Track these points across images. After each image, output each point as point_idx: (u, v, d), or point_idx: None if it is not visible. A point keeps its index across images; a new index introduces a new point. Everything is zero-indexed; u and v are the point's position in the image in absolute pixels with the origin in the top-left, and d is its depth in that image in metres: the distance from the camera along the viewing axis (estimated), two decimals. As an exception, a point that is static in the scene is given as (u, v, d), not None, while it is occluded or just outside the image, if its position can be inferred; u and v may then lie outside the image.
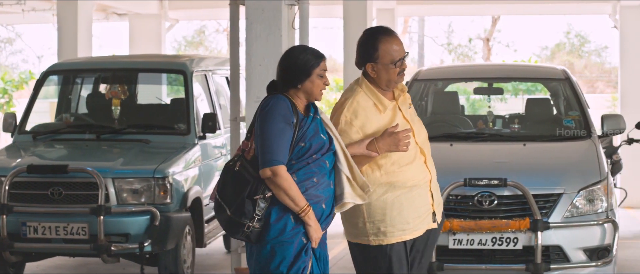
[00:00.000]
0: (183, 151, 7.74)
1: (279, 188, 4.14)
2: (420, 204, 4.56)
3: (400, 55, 4.50)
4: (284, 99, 4.24)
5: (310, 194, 4.22)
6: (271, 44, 7.01)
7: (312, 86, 4.27)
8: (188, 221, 7.51)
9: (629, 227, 11.12)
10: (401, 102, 4.61)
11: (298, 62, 4.26)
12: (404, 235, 4.55)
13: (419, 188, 4.55)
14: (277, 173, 4.12)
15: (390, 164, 4.51)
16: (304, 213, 4.18)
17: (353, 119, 4.51)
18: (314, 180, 4.23)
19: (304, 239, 4.22)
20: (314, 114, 4.32)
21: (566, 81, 7.81)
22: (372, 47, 4.50)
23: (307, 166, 4.22)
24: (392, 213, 4.52)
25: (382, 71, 4.50)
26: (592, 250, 6.50)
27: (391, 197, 4.52)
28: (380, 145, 4.43)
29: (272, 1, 6.99)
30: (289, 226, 4.20)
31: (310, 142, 4.23)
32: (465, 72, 8.43)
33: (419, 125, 4.65)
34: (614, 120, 7.49)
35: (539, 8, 15.58)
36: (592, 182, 6.55)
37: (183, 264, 7.53)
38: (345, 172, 4.33)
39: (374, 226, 4.54)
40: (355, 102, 4.54)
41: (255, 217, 4.16)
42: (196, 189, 7.73)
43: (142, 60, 8.81)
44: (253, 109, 7.06)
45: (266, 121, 4.19)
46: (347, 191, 4.34)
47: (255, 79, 7.05)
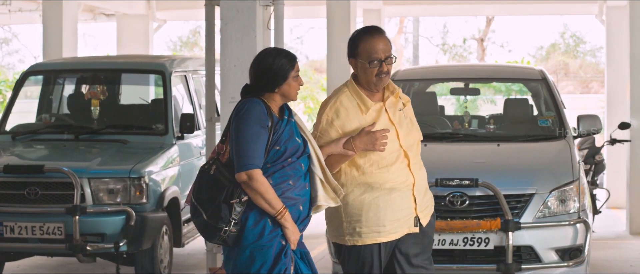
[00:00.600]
0: (160, 151, 7.77)
1: (255, 192, 4.16)
2: (399, 208, 4.55)
3: (379, 56, 4.48)
4: (258, 102, 4.26)
5: (286, 197, 4.24)
6: (246, 45, 7.02)
7: (289, 88, 4.31)
8: (165, 221, 7.53)
9: (612, 227, 11.13)
10: (389, 104, 4.59)
11: (273, 67, 4.29)
12: (379, 237, 4.55)
13: (398, 191, 4.54)
14: (253, 177, 4.14)
15: (369, 165, 4.52)
16: (280, 215, 4.20)
17: (334, 119, 4.53)
18: (289, 183, 4.25)
19: (283, 242, 4.24)
20: (289, 117, 4.35)
21: (543, 81, 7.82)
22: (353, 44, 4.55)
23: (282, 170, 4.24)
24: (369, 214, 4.52)
25: (360, 69, 4.52)
26: (564, 250, 6.51)
27: (368, 198, 4.52)
28: (357, 143, 4.45)
29: (247, 2, 7.01)
30: (267, 230, 4.21)
31: (286, 146, 4.25)
32: (442, 72, 8.45)
33: (408, 129, 4.62)
34: (590, 120, 7.49)
35: (527, 8, 15.57)
36: (564, 182, 6.56)
37: (160, 264, 7.55)
38: (318, 175, 4.35)
39: (350, 226, 4.55)
40: (338, 101, 4.56)
41: (232, 221, 4.17)
42: (173, 189, 7.75)
43: (121, 61, 8.84)
44: (228, 109, 7.07)
45: (241, 124, 4.20)
46: (320, 193, 4.36)
47: (230, 79, 7.06)
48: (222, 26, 7.07)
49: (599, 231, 10.66)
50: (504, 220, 6.29)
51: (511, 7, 15.31)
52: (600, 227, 10.89)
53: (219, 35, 7.13)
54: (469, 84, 8.07)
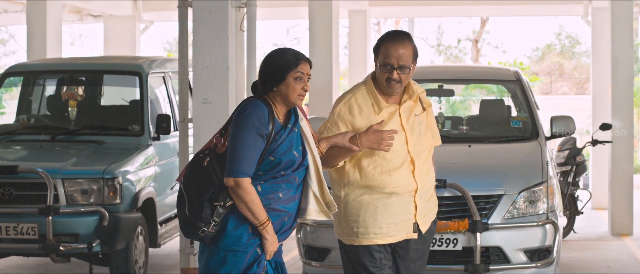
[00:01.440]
0: (136, 152, 7.80)
1: (240, 200, 4.05)
2: (397, 212, 4.53)
3: (391, 63, 4.43)
4: (262, 106, 4.07)
5: (273, 208, 4.13)
6: (218, 46, 7.05)
7: (288, 89, 4.09)
8: (139, 222, 7.56)
9: (595, 228, 11.14)
10: (404, 108, 4.55)
11: (274, 63, 4.10)
12: (376, 239, 4.55)
13: (398, 196, 4.52)
14: (240, 185, 4.03)
15: (372, 168, 4.50)
16: (262, 227, 4.09)
17: (346, 114, 4.51)
18: (279, 195, 4.14)
19: (259, 251, 4.14)
20: (293, 126, 4.17)
21: (517, 82, 7.84)
22: (377, 44, 4.54)
23: (274, 180, 4.12)
24: (366, 216, 4.53)
25: (377, 69, 4.52)
26: (533, 251, 6.52)
27: (367, 199, 4.53)
28: (363, 140, 4.40)
29: (219, 3, 7.04)
30: (245, 237, 4.11)
31: (281, 158, 4.10)
32: (417, 74, 8.43)
33: (420, 136, 4.58)
34: (563, 121, 7.50)
35: (514, 9, 15.57)
36: (533, 183, 6.57)
37: (134, 265, 7.58)
38: (313, 189, 4.22)
39: (348, 226, 4.58)
40: (353, 98, 4.54)
41: (212, 223, 4.08)
42: (149, 190, 7.78)
43: (98, 62, 8.88)
44: (200, 110, 7.12)
45: (239, 128, 4.05)
46: (312, 207, 4.23)
47: (202, 80, 7.10)
48: (194, 28, 7.11)
49: (581, 232, 10.69)
50: (472, 221, 6.31)
51: (501, 8, 15.29)
52: (582, 228, 10.91)
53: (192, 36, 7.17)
54: (443, 86, 8.08)
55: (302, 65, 4.11)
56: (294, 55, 4.12)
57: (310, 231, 6.59)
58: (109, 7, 13.30)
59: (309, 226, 6.58)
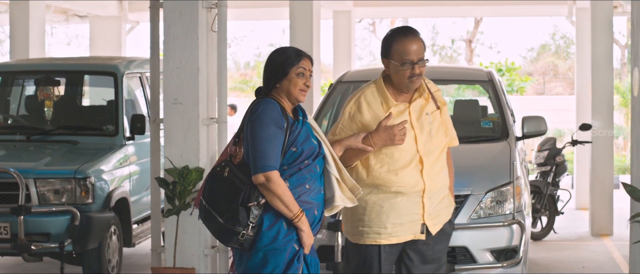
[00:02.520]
0: (110, 151, 7.84)
1: (272, 194, 4.04)
2: (403, 212, 4.49)
3: (411, 58, 4.41)
4: (273, 102, 4.13)
5: (303, 201, 4.13)
6: (189, 47, 7.08)
7: (290, 85, 4.14)
8: (112, 221, 7.59)
9: (576, 229, 11.16)
10: (414, 107, 4.53)
11: (276, 61, 4.16)
12: (379, 239, 4.51)
13: (405, 195, 4.48)
14: (271, 179, 4.03)
15: (379, 166, 4.47)
16: (297, 218, 4.09)
17: (356, 113, 4.49)
18: (306, 186, 4.15)
19: (296, 246, 4.14)
20: (303, 118, 4.22)
21: (489, 82, 7.86)
22: (387, 43, 4.49)
23: (299, 172, 4.13)
24: (371, 215, 4.50)
25: (393, 70, 4.47)
26: (499, 251, 6.53)
27: (373, 199, 4.50)
28: (375, 139, 4.38)
29: (190, 4, 7.07)
30: (282, 234, 4.11)
31: (302, 148, 4.14)
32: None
33: (431, 135, 4.54)
34: (535, 122, 7.52)
35: (506, 10, 15.60)
36: (501, 183, 6.59)
37: (108, 264, 7.62)
38: (335, 174, 4.23)
39: (353, 225, 4.56)
40: (363, 96, 4.52)
41: (250, 224, 4.06)
42: (122, 190, 7.82)
43: (74, 63, 8.91)
44: (170, 111, 7.15)
45: (257, 125, 4.07)
46: (338, 194, 4.24)
47: (172, 81, 7.12)
48: (165, 28, 7.14)
49: (562, 232, 10.72)
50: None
51: (492, 8, 15.27)
52: (563, 228, 10.94)
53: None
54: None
55: (304, 61, 4.18)
56: (295, 52, 4.19)
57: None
58: (95, 8, 13.34)
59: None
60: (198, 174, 6.99)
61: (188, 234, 7.13)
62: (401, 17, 20.73)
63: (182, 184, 6.94)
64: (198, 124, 7.10)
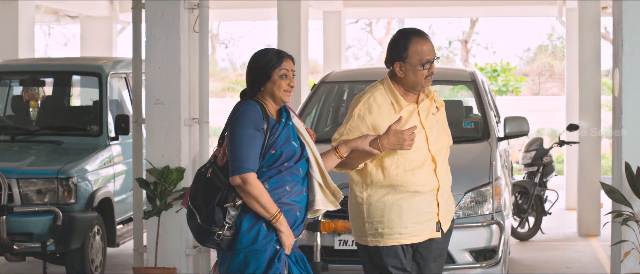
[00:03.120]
0: (93, 152, 7.86)
1: (249, 196, 4.08)
2: (421, 211, 4.50)
3: (429, 58, 4.44)
4: (253, 104, 4.14)
5: (283, 203, 4.16)
6: (170, 48, 7.11)
7: (274, 87, 4.17)
8: (95, 221, 7.61)
9: (564, 229, 11.17)
10: (422, 107, 4.54)
11: (258, 63, 4.18)
12: (401, 239, 4.50)
13: (422, 195, 4.49)
14: (247, 181, 4.06)
15: (394, 167, 4.46)
16: (275, 219, 4.13)
17: (366, 115, 4.47)
18: (286, 188, 4.17)
19: (277, 246, 4.18)
20: (286, 120, 4.24)
21: (472, 83, 7.88)
22: (403, 46, 4.45)
23: (279, 174, 4.16)
24: (391, 216, 4.48)
25: (409, 71, 4.45)
26: (478, 251, 6.55)
27: (391, 199, 4.48)
28: (384, 143, 4.37)
29: (172, 5, 7.09)
30: (262, 235, 4.14)
31: (281, 150, 4.16)
32: (373, 74, 8.49)
33: (438, 134, 4.56)
34: (517, 122, 7.53)
35: (499, 10, 15.61)
36: (480, 184, 6.60)
37: (91, 264, 7.64)
38: (317, 179, 4.26)
39: (372, 227, 4.52)
40: (372, 98, 4.50)
41: (226, 225, 4.09)
42: (106, 190, 7.85)
43: (59, 63, 8.94)
44: (152, 111, 7.18)
45: (235, 127, 4.10)
46: (319, 197, 4.27)
47: (154, 81, 7.15)
48: (147, 29, 7.17)
49: (550, 233, 10.73)
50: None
51: (485, 9, 15.25)
52: (551, 228, 10.95)
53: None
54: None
55: (285, 62, 4.20)
56: (276, 54, 4.21)
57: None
58: (86, 8, 13.36)
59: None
60: (179, 174, 7.01)
61: (170, 234, 7.16)
62: (397, 17, 20.80)
63: (162, 184, 6.96)
64: (179, 124, 7.13)
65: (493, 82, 21.16)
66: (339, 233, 6.44)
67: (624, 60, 6.78)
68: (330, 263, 6.44)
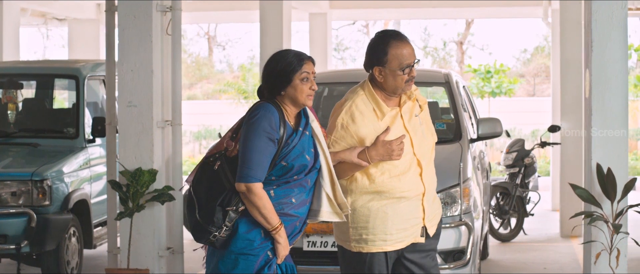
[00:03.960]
0: (69, 154, 7.91)
1: (252, 205, 4.04)
2: (407, 217, 4.45)
3: (409, 61, 4.36)
4: (272, 110, 4.06)
5: (285, 214, 4.13)
6: (143, 50, 7.13)
7: (295, 91, 4.06)
8: (71, 223, 7.65)
9: (547, 230, 11.18)
10: (405, 110, 4.48)
11: (278, 67, 4.06)
12: (385, 245, 4.45)
13: (407, 200, 4.44)
14: (252, 190, 4.02)
15: (380, 174, 4.39)
16: (275, 231, 4.08)
17: (349, 124, 4.38)
18: (292, 200, 4.13)
19: (270, 254, 4.13)
20: (304, 128, 4.15)
21: (446, 84, 7.90)
22: (382, 50, 4.37)
23: (287, 185, 4.11)
24: (376, 222, 4.42)
25: (389, 75, 4.38)
26: (447, 253, 6.57)
27: (376, 205, 4.42)
28: (373, 155, 4.31)
29: (144, 8, 7.12)
30: (257, 241, 4.10)
31: (293, 164, 4.09)
32: (350, 76, 8.51)
33: (423, 136, 4.50)
34: (490, 123, 7.54)
35: (490, 12, 15.61)
36: (449, 185, 6.63)
37: (67, 265, 7.68)
38: (326, 190, 4.20)
39: (356, 233, 4.45)
40: (354, 105, 4.40)
41: (224, 227, 4.05)
42: (82, 192, 7.89)
43: (38, 66, 8.99)
44: (125, 113, 7.19)
45: (250, 133, 4.04)
46: (325, 209, 4.21)
47: (127, 84, 7.17)
48: (119, 32, 7.18)
49: (532, 234, 10.75)
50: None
51: (478, 10, 15.25)
52: (534, 229, 10.97)
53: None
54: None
55: (306, 65, 4.10)
56: (296, 57, 4.10)
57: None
58: (73, 11, 13.41)
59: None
60: (151, 176, 7.04)
61: (142, 235, 7.18)
62: (385, 19, 20.79)
63: (134, 186, 6.99)
64: (152, 126, 7.15)
65: (486, 84, 21.16)
66: (307, 234, 6.47)
67: (593, 61, 6.81)
68: (298, 265, 6.47)
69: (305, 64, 4.09)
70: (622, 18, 6.78)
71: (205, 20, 22.89)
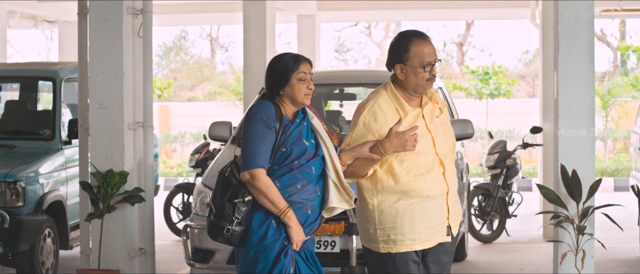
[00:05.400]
0: (45, 155, 7.98)
1: (257, 191, 4.21)
2: (433, 216, 4.48)
3: (431, 60, 4.42)
4: (268, 104, 4.27)
5: (293, 201, 4.26)
6: (114, 52, 7.20)
7: (293, 91, 4.26)
8: (45, 224, 7.71)
9: (530, 231, 11.16)
10: (427, 111, 4.50)
11: (276, 68, 4.28)
12: (414, 245, 4.47)
13: (433, 199, 4.47)
14: (255, 176, 4.19)
15: (405, 173, 4.42)
16: (283, 214, 4.22)
17: (371, 122, 4.43)
18: (297, 186, 4.27)
19: (285, 242, 4.27)
20: (301, 120, 4.33)
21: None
22: (404, 48, 4.42)
23: (290, 173, 4.26)
24: (403, 222, 4.44)
25: (410, 73, 4.42)
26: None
27: (403, 205, 4.44)
28: (387, 147, 4.32)
29: (115, 11, 7.18)
30: (271, 232, 4.25)
31: (291, 148, 4.25)
32: (328, 78, 8.55)
33: (444, 137, 4.53)
34: (461, 125, 7.56)
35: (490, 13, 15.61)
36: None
37: (41, 266, 7.74)
38: (331, 177, 4.33)
39: (384, 234, 4.48)
40: (376, 104, 4.46)
41: (235, 220, 4.23)
42: (57, 193, 7.96)
43: (15, 68, 9.07)
44: (96, 116, 7.26)
45: (248, 125, 4.25)
46: (333, 195, 4.34)
47: (98, 86, 7.24)
48: (90, 34, 7.26)
49: (515, 235, 10.76)
50: (348, 223, 6.40)
51: (473, 11, 15.19)
52: (518, 231, 10.98)
53: (90, 43, 7.32)
54: (343, 90, 8.18)
55: (303, 65, 4.30)
56: (292, 58, 4.31)
57: (198, 234, 6.73)
58: (63, 13, 13.48)
59: (195, 228, 6.72)
60: (121, 178, 7.10)
61: (113, 236, 7.24)
62: (375, 20, 20.76)
63: (105, 187, 7.05)
64: (123, 128, 7.21)
65: (485, 85, 21.13)
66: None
67: (560, 62, 6.83)
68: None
69: (302, 64, 4.30)
70: (588, 19, 6.79)
71: (206, 21, 22.99)
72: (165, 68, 31.60)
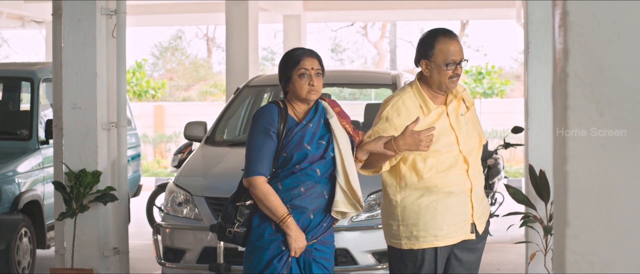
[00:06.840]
0: (22, 155, 8.02)
1: (256, 198, 4.23)
2: (456, 212, 4.47)
3: (455, 58, 4.41)
4: (270, 107, 4.25)
5: (294, 205, 4.24)
6: (87, 53, 7.24)
7: (295, 87, 4.21)
8: (21, 223, 7.76)
9: (514, 231, 11.17)
10: (451, 109, 4.51)
11: (281, 65, 4.27)
12: (436, 241, 4.46)
13: (456, 196, 4.46)
14: (253, 184, 4.21)
15: (428, 169, 4.43)
16: (282, 222, 4.21)
17: (394, 117, 4.44)
18: (300, 189, 4.24)
19: (283, 247, 4.25)
20: (308, 122, 4.26)
21: (393, 86, 7.97)
22: (430, 44, 4.43)
23: (293, 175, 4.23)
24: (426, 218, 4.45)
25: (434, 69, 4.42)
26: (381, 253, 6.61)
27: (426, 201, 4.45)
28: (400, 144, 4.31)
29: (89, 11, 7.22)
30: (268, 233, 4.25)
31: (292, 153, 4.21)
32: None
33: (469, 134, 4.52)
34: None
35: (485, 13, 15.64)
36: (382, 186, 6.67)
37: (17, 265, 7.78)
38: (340, 182, 4.28)
39: (407, 230, 4.48)
40: (401, 100, 4.48)
41: (236, 222, 4.27)
42: (33, 193, 8.00)
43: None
44: (70, 115, 7.30)
45: (250, 133, 4.27)
46: (339, 198, 4.29)
47: (71, 86, 7.29)
48: (64, 35, 7.30)
49: (498, 235, 10.74)
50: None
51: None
52: (500, 230, 10.96)
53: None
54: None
55: (304, 61, 4.21)
56: (297, 53, 4.25)
57: (169, 233, 6.76)
58: (49, 13, 13.50)
59: (167, 228, 6.76)
60: (94, 178, 7.14)
61: (87, 235, 7.29)
62: (363, 21, 20.68)
63: (77, 187, 7.09)
64: (96, 128, 7.26)
65: (478, 85, 21.18)
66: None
67: (529, 63, 6.87)
68: (232, 265, 6.54)
69: (303, 59, 4.21)
70: (558, 20, 6.82)
71: (203, 21, 23.03)
72: (162, 68, 31.67)
